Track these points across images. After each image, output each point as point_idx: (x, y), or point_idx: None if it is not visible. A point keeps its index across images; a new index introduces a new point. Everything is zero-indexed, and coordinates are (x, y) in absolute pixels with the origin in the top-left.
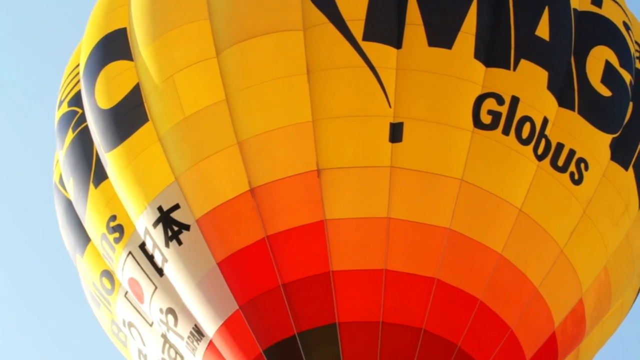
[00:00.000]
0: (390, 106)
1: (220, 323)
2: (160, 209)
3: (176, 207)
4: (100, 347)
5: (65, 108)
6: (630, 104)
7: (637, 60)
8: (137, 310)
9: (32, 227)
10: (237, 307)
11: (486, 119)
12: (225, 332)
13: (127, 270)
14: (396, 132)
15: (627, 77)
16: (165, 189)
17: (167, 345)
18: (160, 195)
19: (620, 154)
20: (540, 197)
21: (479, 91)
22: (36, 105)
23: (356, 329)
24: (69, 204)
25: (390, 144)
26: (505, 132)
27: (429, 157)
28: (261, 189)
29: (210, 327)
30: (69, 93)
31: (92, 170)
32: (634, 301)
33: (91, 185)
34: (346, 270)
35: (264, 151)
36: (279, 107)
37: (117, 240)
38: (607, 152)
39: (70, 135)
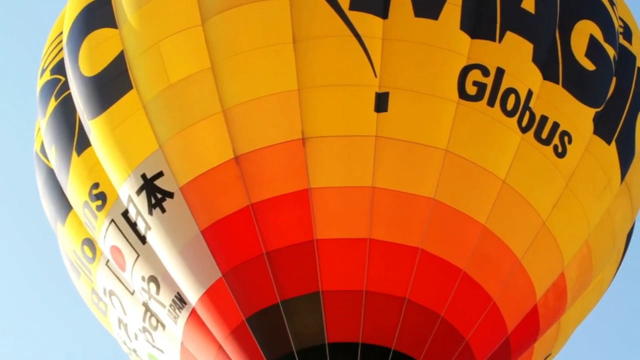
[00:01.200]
0: (376, 76)
1: (203, 291)
2: (143, 176)
3: (160, 174)
4: (79, 317)
5: (47, 76)
6: (614, 79)
7: (620, 36)
8: (119, 279)
9: (12, 197)
10: (220, 275)
11: (471, 90)
12: (208, 300)
13: (109, 238)
14: (382, 102)
15: (611, 52)
16: (149, 157)
17: (149, 314)
18: (144, 163)
19: (603, 128)
20: (523, 169)
21: (464, 62)
22: (16, 73)
23: (340, 298)
24: (50, 173)
25: (375, 113)
26: (490, 103)
27: (414, 127)
28: (246, 157)
29: (192, 295)
30: (51, 61)
31: (74, 138)
32: (614, 277)
33: (74, 153)
34: (330, 239)
35: (249, 119)
36: (264, 76)
37: (99, 208)
38: (590, 126)
39: (52, 103)
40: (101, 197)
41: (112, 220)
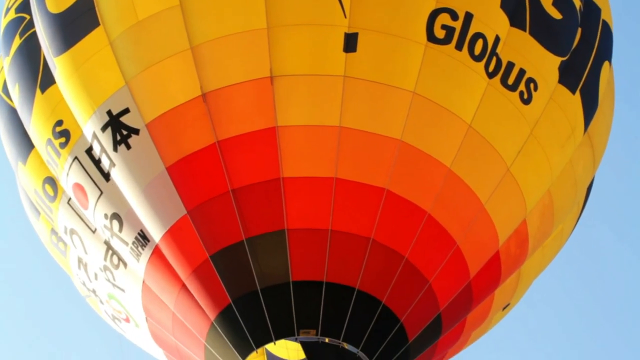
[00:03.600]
0: (345, 16)
1: (167, 228)
2: (109, 112)
3: (126, 111)
4: (36, 260)
5: (12, 14)
6: (579, 30)
7: None
8: (80, 217)
9: None
10: (185, 212)
11: (440, 33)
12: (171, 237)
13: (72, 175)
14: (350, 42)
15: (577, 2)
16: (115, 93)
17: (110, 252)
18: (109, 100)
19: (567, 77)
20: (489, 114)
21: (433, 5)
22: None
23: (305, 236)
24: (11, 112)
25: (344, 53)
26: (458, 47)
27: (382, 69)
28: (213, 94)
29: (156, 232)
30: (16, 0)
31: (39, 76)
32: (573, 229)
33: (38, 91)
34: (296, 177)
35: (217, 57)
36: (233, 14)
37: (62, 145)
38: (556, 75)
39: (17, 41)
40: (65, 134)
41: (76, 158)
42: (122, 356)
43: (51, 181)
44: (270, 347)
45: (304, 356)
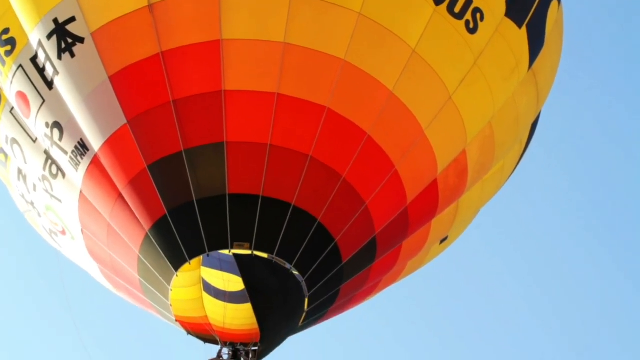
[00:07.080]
0: None
1: (107, 137)
2: (55, 20)
3: (72, 19)
4: None
5: None
6: None
7: None
8: (22, 126)
9: None
10: (125, 122)
11: None
12: (110, 147)
13: (16, 83)
14: None
15: None
16: (62, 2)
17: (50, 162)
18: (56, 8)
19: (514, 11)
20: (434, 40)
21: None
22: None
23: (244, 149)
24: None
25: None
26: None
27: None
28: (160, 5)
29: (96, 141)
30: None
31: None
32: (515, 167)
33: None
34: (238, 91)
35: None
36: None
37: (8, 54)
38: (503, 7)
39: None
40: (11, 42)
41: (20, 66)
42: (60, 276)
43: None
44: (207, 277)
45: (241, 287)
